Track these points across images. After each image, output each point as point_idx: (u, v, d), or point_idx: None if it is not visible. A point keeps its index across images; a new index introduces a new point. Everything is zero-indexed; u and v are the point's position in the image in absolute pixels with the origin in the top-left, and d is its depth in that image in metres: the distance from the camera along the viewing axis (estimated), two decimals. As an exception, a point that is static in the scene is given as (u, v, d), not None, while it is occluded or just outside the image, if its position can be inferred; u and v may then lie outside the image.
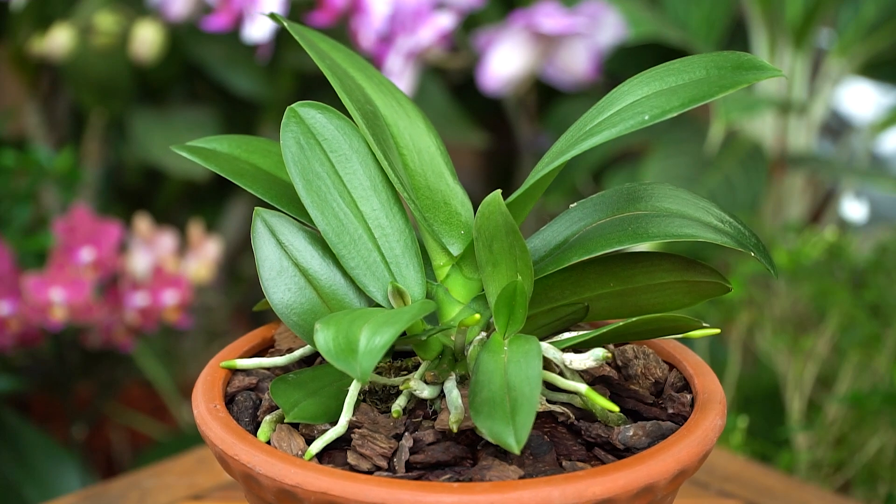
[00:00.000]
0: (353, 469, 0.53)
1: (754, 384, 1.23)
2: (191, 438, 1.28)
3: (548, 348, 0.54)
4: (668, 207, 0.56)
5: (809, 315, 1.19)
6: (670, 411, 0.56)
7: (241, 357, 0.63)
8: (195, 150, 0.63)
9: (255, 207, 0.61)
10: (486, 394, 0.49)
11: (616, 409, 0.51)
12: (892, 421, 1.03)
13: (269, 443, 0.55)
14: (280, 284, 0.59)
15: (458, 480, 0.51)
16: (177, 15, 1.31)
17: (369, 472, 0.52)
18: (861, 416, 1.05)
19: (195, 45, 1.42)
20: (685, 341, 0.63)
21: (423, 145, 0.62)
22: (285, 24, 0.62)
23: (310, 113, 0.60)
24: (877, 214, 1.77)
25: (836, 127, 1.94)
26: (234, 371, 0.61)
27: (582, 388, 0.52)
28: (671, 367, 0.61)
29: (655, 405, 0.57)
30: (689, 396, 0.57)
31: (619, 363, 0.60)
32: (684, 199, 0.57)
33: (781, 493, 0.83)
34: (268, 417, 0.56)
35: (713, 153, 1.38)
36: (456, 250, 0.59)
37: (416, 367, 0.59)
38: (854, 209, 1.62)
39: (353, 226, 0.59)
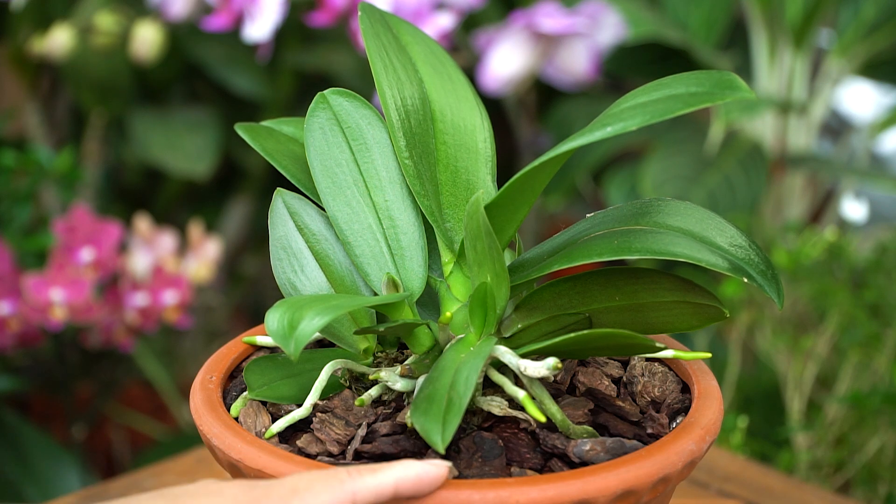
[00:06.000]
0: (300, 452, 0.53)
1: (754, 384, 1.23)
2: (191, 438, 1.28)
3: (505, 352, 0.53)
4: (670, 224, 0.55)
5: (809, 315, 1.19)
6: (649, 431, 0.55)
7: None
8: (253, 128, 0.63)
9: (278, 188, 0.61)
10: (430, 390, 0.50)
11: (543, 418, 0.50)
12: (892, 421, 1.03)
13: (237, 419, 0.55)
14: (288, 265, 0.59)
15: None
16: (177, 15, 1.31)
17: (315, 456, 0.53)
18: (861, 416, 1.05)
19: (195, 45, 1.42)
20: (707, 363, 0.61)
21: (464, 124, 0.62)
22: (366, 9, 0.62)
23: (338, 100, 0.60)
24: (877, 214, 1.76)
25: (836, 127, 1.94)
26: (258, 348, 0.62)
27: (520, 394, 0.52)
28: (687, 388, 0.59)
29: (638, 423, 0.56)
30: (668, 419, 0.56)
31: (626, 379, 0.59)
32: (696, 216, 0.55)
33: (781, 493, 0.83)
34: (244, 394, 0.57)
35: (713, 153, 1.38)
36: (459, 247, 0.58)
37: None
38: (854, 209, 1.61)
39: (363, 215, 0.59)
